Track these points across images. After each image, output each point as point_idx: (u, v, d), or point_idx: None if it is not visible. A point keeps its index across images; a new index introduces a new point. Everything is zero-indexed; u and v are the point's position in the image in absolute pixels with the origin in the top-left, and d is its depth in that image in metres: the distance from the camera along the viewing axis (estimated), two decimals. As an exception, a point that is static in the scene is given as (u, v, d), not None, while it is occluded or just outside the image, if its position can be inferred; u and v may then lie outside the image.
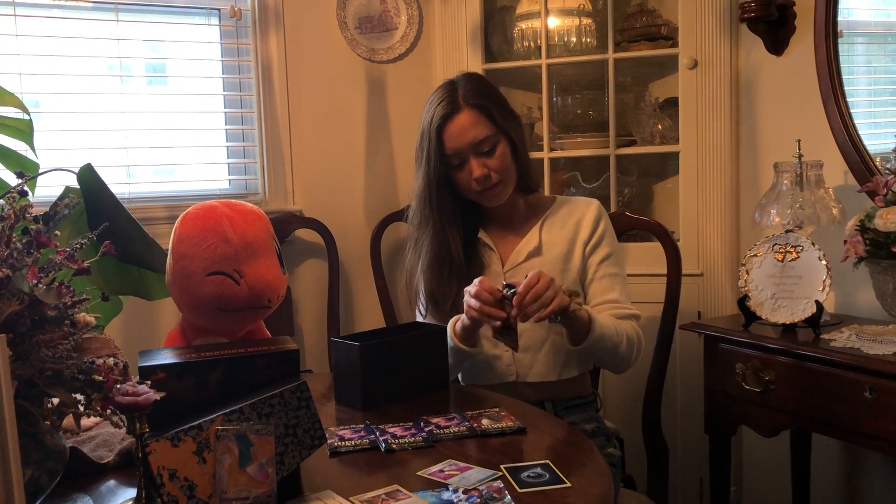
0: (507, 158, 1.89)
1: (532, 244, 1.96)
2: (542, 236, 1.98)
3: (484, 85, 1.96)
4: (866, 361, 1.79)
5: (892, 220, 1.88)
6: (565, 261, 1.95)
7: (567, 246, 1.96)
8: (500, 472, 1.28)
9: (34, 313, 1.08)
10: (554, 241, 1.97)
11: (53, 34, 2.43)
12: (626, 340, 1.86)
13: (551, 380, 1.92)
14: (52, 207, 1.23)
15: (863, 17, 2.46)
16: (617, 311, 1.90)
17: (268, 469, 1.11)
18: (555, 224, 1.99)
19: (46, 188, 2.00)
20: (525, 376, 1.92)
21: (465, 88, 1.89)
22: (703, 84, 2.60)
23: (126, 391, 1.11)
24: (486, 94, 1.91)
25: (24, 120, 1.85)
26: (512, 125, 1.92)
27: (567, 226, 1.98)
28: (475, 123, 1.86)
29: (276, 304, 1.56)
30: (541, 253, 1.96)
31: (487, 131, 1.86)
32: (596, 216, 1.97)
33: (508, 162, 1.90)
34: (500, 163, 1.88)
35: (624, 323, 1.88)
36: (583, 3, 2.78)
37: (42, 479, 1.11)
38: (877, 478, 2.33)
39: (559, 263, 1.94)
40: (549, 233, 1.98)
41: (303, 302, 2.80)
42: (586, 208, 1.99)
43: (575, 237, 1.96)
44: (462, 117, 1.86)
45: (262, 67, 2.70)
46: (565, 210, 2.01)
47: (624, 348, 1.86)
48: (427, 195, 1.94)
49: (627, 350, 1.87)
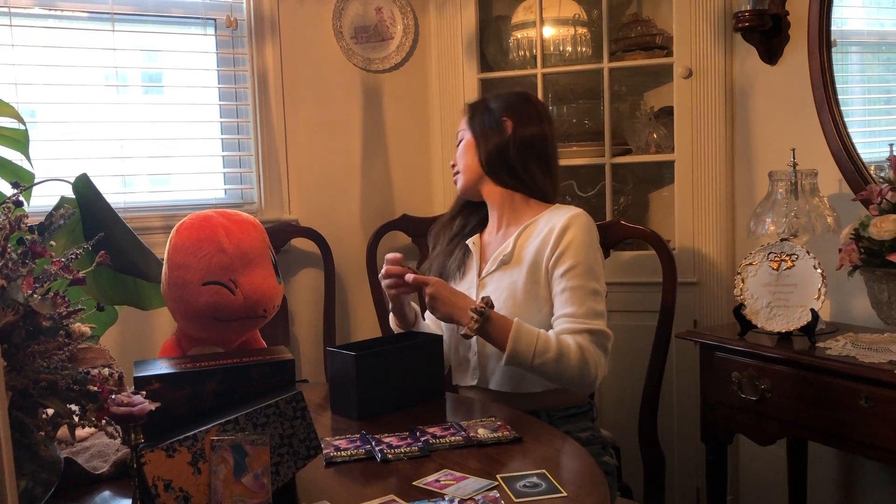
0: (465, 150, 2.07)
1: (505, 251, 1.96)
2: (518, 244, 1.96)
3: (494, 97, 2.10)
4: (862, 370, 1.79)
5: (887, 228, 1.88)
6: (533, 271, 1.90)
7: (535, 256, 1.91)
8: (496, 482, 1.28)
9: (29, 324, 1.08)
10: (526, 251, 1.93)
11: (49, 44, 2.43)
12: (556, 354, 1.77)
13: (508, 390, 1.90)
14: (47, 218, 1.23)
15: (856, 26, 2.47)
16: (570, 325, 1.82)
17: (263, 479, 1.11)
18: (531, 234, 1.96)
19: (42, 198, 2.01)
20: (486, 382, 1.94)
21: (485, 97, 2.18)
22: (697, 93, 2.61)
23: (121, 401, 1.11)
24: (482, 102, 2.11)
25: (19, 130, 1.85)
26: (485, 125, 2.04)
27: (540, 235, 1.93)
28: (461, 122, 2.12)
29: (271, 314, 1.56)
30: (510, 262, 1.94)
31: (462, 127, 2.10)
32: (564, 226, 1.89)
33: (466, 153, 2.06)
34: (459, 153, 2.09)
35: (566, 337, 1.80)
36: (578, 12, 2.79)
37: (37, 490, 1.10)
38: (873, 486, 2.33)
39: (527, 274, 1.90)
40: (524, 241, 1.95)
41: (298, 312, 2.80)
42: (560, 218, 1.92)
43: (543, 248, 1.90)
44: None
45: (258, 77, 2.70)
46: (545, 219, 1.96)
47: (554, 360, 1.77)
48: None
49: (557, 364, 1.77)
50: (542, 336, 1.78)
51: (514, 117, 2.01)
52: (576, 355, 1.78)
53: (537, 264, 1.90)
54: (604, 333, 1.84)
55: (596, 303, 1.86)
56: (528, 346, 1.76)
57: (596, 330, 1.82)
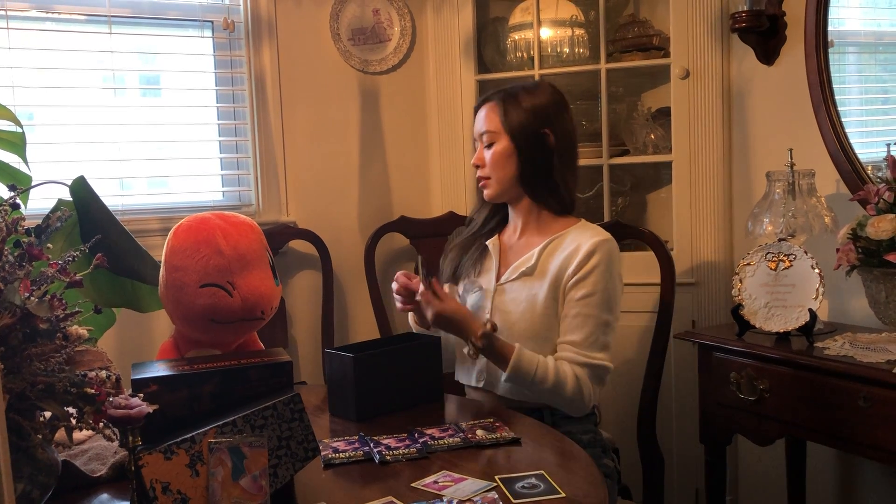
0: (500, 158, 1.93)
1: (528, 264, 1.92)
2: (541, 259, 1.92)
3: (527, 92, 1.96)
4: (860, 369, 1.79)
5: (884, 228, 1.89)
6: (554, 288, 1.88)
7: (556, 274, 1.88)
8: (495, 483, 1.28)
9: (26, 326, 1.08)
10: (549, 267, 1.90)
11: (46, 47, 2.43)
12: (552, 385, 1.79)
13: (511, 398, 1.89)
14: (44, 220, 1.23)
15: (853, 26, 2.48)
16: (573, 355, 1.82)
17: (261, 481, 1.11)
18: (557, 249, 1.92)
19: (39, 201, 2.00)
20: (493, 387, 1.92)
21: (510, 89, 1.97)
22: (695, 94, 2.61)
23: (119, 404, 1.11)
24: (514, 98, 1.94)
25: (16, 133, 1.85)
26: (528, 135, 1.92)
27: (563, 254, 1.89)
28: (487, 115, 1.96)
29: (269, 316, 1.56)
30: (532, 274, 1.92)
31: (493, 126, 1.94)
32: (590, 250, 1.85)
33: (501, 162, 1.93)
34: (491, 159, 1.94)
35: (565, 366, 1.81)
36: (575, 13, 2.79)
37: (34, 493, 1.10)
38: (872, 486, 2.33)
39: (549, 289, 1.88)
40: (548, 256, 1.92)
41: (296, 313, 2.80)
42: (588, 240, 1.88)
43: (566, 266, 1.87)
44: (484, 108, 1.98)
45: (256, 79, 2.70)
46: (572, 237, 1.92)
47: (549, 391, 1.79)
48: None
49: (552, 394, 1.80)
50: (541, 364, 1.80)
51: (555, 129, 1.93)
52: (572, 386, 1.80)
53: (558, 281, 1.88)
54: (604, 367, 1.85)
55: (604, 335, 1.86)
56: (528, 373, 1.79)
57: (596, 364, 1.83)
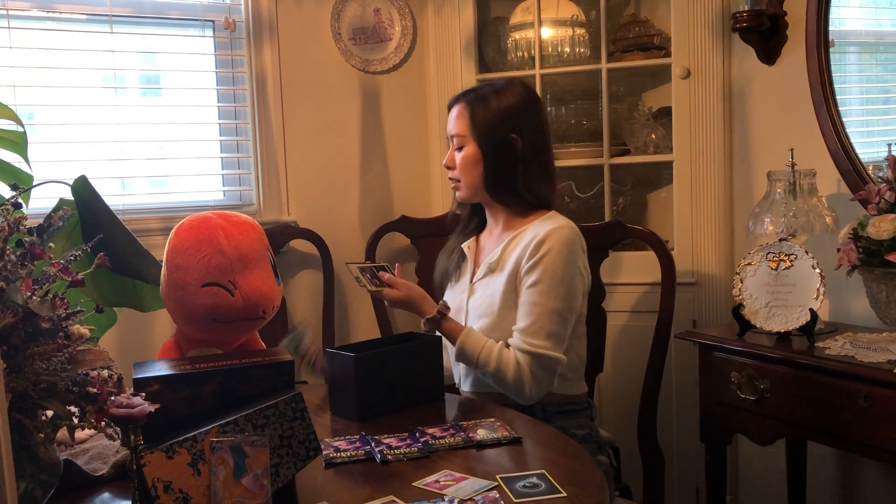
0: (468, 163, 1.96)
1: (493, 258, 1.95)
2: (505, 252, 1.94)
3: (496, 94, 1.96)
4: (861, 369, 1.79)
5: (885, 228, 1.89)
6: (511, 280, 1.89)
7: (514, 266, 1.89)
8: (496, 483, 1.28)
9: (28, 325, 1.08)
10: (509, 259, 1.92)
11: (47, 46, 2.43)
12: (493, 370, 1.81)
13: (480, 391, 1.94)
14: (46, 219, 1.23)
15: (854, 26, 2.48)
16: (519, 342, 1.82)
17: (263, 480, 1.11)
18: (520, 241, 1.92)
19: (41, 200, 2.00)
20: (464, 384, 1.99)
21: (480, 90, 2.01)
22: (695, 93, 2.61)
23: (120, 403, 1.11)
24: (483, 101, 1.96)
25: (18, 132, 1.85)
26: (494, 141, 1.93)
27: (521, 245, 1.90)
28: (457, 118, 2.00)
29: (270, 315, 1.56)
30: (496, 269, 1.94)
31: (461, 130, 1.98)
32: (542, 238, 1.85)
33: (469, 167, 1.96)
34: (460, 162, 1.98)
35: (509, 353, 1.82)
36: (576, 13, 2.79)
37: (36, 492, 1.10)
38: (873, 486, 2.33)
39: (507, 283, 1.89)
40: (511, 250, 1.93)
41: (298, 313, 2.80)
42: (543, 228, 1.88)
43: (522, 256, 1.88)
44: (455, 109, 2.01)
45: (257, 78, 2.70)
46: (532, 228, 1.93)
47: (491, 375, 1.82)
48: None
49: (494, 379, 1.83)
50: (486, 348, 1.83)
51: (523, 133, 1.93)
52: (513, 373, 1.81)
53: (515, 273, 1.89)
54: (548, 357, 1.81)
55: (552, 323, 1.82)
56: (472, 355, 1.85)
57: (539, 353, 1.80)
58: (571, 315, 1.87)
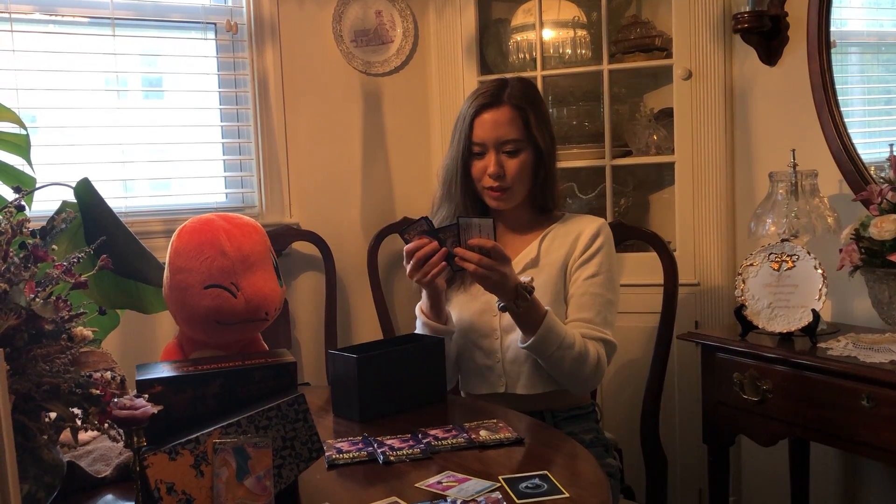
0: (525, 168, 1.92)
1: (530, 256, 1.96)
2: (542, 249, 1.97)
3: (532, 92, 1.98)
4: (863, 370, 1.79)
5: (887, 228, 1.89)
6: (560, 276, 1.93)
7: (563, 261, 1.94)
8: (499, 484, 1.28)
9: (31, 327, 1.08)
10: (552, 255, 1.95)
11: (50, 49, 2.44)
12: (577, 353, 1.80)
13: (537, 392, 1.90)
14: (49, 222, 1.24)
15: (856, 27, 2.48)
16: (588, 330, 1.86)
17: (266, 482, 1.11)
18: (556, 238, 1.97)
19: (43, 203, 2.00)
20: (514, 387, 1.92)
21: (513, 88, 1.93)
22: (697, 95, 2.61)
23: (123, 405, 1.11)
24: (531, 101, 1.94)
25: (20, 135, 1.85)
26: (546, 141, 1.94)
27: (566, 241, 1.95)
28: (510, 122, 1.90)
29: (273, 317, 1.56)
30: (537, 265, 1.95)
31: (518, 135, 1.90)
32: (594, 233, 1.94)
33: (526, 173, 1.93)
34: (517, 169, 1.91)
35: (586, 342, 1.83)
36: (577, 14, 2.79)
37: (39, 494, 1.11)
38: (876, 487, 2.33)
39: (555, 277, 1.93)
40: (548, 246, 1.97)
41: (300, 314, 2.80)
42: (588, 224, 1.96)
43: (571, 252, 1.94)
44: (500, 112, 1.90)
45: (259, 81, 2.71)
46: (568, 226, 1.98)
47: (573, 359, 1.79)
48: (452, 173, 1.97)
49: (575, 363, 1.80)
50: (570, 332, 1.82)
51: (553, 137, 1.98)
52: (593, 360, 1.83)
53: (564, 268, 1.94)
54: (613, 344, 1.90)
55: (610, 313, 1.92)
56: (558, 336, 1.78)
57: (609, 340, 1.89)
58: (618, 305, 1.97)
